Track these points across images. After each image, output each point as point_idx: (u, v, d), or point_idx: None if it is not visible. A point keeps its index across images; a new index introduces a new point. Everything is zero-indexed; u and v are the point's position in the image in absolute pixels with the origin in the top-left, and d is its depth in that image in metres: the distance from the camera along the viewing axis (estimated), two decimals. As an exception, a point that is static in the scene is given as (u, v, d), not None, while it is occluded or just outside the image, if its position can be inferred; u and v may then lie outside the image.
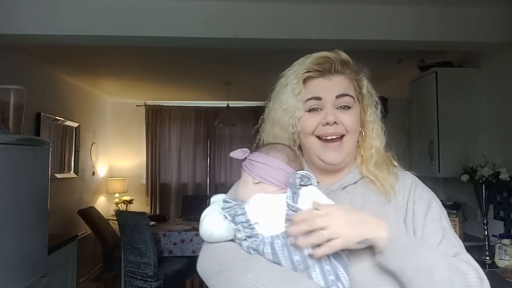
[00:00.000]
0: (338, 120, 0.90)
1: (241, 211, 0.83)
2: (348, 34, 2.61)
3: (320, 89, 0.92)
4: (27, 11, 2.42)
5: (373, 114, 0.97)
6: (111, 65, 4.17)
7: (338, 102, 0.91)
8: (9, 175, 2.14)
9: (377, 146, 0.96)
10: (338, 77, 0.93)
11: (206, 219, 0.86)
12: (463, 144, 3.01)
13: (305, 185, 0.84)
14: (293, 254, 0.78)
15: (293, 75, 0.94)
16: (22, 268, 2.27)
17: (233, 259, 0.82)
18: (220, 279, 0.81)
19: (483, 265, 2.38)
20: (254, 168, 0.89)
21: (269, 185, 0.87)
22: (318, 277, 0.77)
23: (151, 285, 3.57)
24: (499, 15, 2.63)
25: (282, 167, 0.88)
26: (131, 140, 6.21)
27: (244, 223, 0.82)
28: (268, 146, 0.93)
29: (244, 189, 0.90)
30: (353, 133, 0.93)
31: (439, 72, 3.09)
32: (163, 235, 3.88)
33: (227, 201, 0.87)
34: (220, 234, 0.85)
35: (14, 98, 2.46)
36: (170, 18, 2.52)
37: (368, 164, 0.95)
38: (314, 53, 0.96)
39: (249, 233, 0.82)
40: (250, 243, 0.82)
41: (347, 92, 0.92)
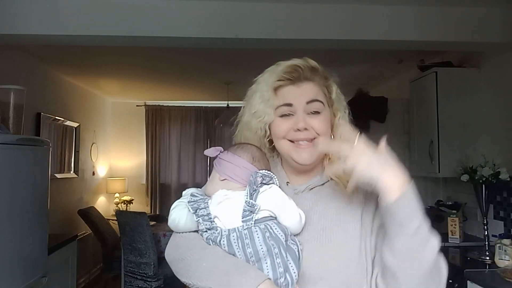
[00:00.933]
0: (309, 126, 0.95)
1: (204, 205, 0.91)
2: (348, 34, 2.61)
3: (290, 96, 0.96)
4: (27, 11, 2.42)
5: (342, 118, 1.01)
6: (111, 65, 4.17)
7: (309, 108, 0.95)
8: (9, 175, 2.14)
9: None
10: (308, 84, 0.97)
11: (174, 210, 0.95)
12: (463, 144, 3.01)
13: (267, 184, 0.91)
14: (246, 246, 0.85)
15: (264, 82, 1.00)
16: (22, 268, 2.27)
17: (193, 248, 0.90)
18: (181, 265, 0.90)
19: (483, 265, 2.38)
20: (221, 166, 0.96)
21: (233, 182, 0.93)
22: (268, 268, 0.83)
23: (151, 285, 3.57)
24: (499, 15, 2.63)
25: (246, 166, 0.94)
26: (131, 140, 6.21)
27: (205, 216, 0.89)
28: (237, 145, 1.00)
29: (211, 184, 0.97)
30: (323, 136, 0.97)
31: (439, 72, 3.09)
32: (163, 235, 3.88)
33: (194, 195, 0.94)
34: (184, 224, 0.93)
35: (14, 98, 2.46)
36: (170, 18, 2.52)
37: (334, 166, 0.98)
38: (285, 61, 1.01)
39: (208, 225, 0.89)
40: (209, 235, 0.89)
41: (316, 98, 0.96)
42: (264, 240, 0.85)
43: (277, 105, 0.97)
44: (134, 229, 3.61)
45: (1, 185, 2.06)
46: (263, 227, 0.87)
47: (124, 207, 5.54)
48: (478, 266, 2.37)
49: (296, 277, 0.85)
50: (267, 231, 0.86)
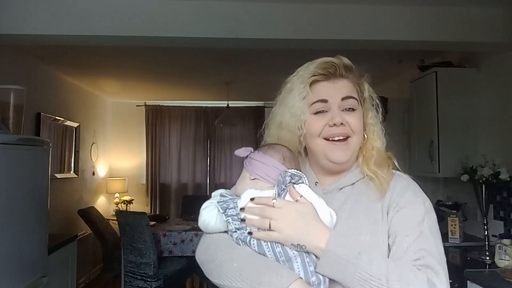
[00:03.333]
0: (345, 121, 0.94)
1: (233, 204, 0.91)
2: (348, 34, 2.61)
3: (326, 92, 0.96)
4: (27, 11, 2.42)
5: (374, 117, 1.01)
6: (111, 65, 4.17)
7: (344, 104, 0.95)
8: (9, 175, 2.14)
9: (378, 147, 0.99)
10: (342, 80, 0.97)
11: (204, 211, 0.94)
12: (463, 144, 3.01)
13: (296, 183, 0.90)
14: (275, 246, 0.85)
15: (299, 80, 0.98)
16: (22, 268, 2.27)
17: (223, 248, 0.90)
18: (212, 266, 0.89)
19: (483, 265, 2.38)
20: (251, 165, 0.94)
21: (263, 182, 0.93)
22: (299, 267, 0.83)
23: (151, 285, 3.57)
24: (499, 15, 2.63)
25: (276, 166, 0.93)
26: (131, 140, 6.21)
27: (234, 216, 0.89)
28: (267, 145, 0.98)
29: (241, 184, 0.96)
30: (358, 134, 0.96)
31: (439, 72, 3.09)
32: (163, 235, 3.88)
33: (223, 195, 0.95)
34: (214, 225, 0.92)
35: (14, 98, 2.46)
36: (170, 18, 2.52)
37: (369, 163, 0.98)
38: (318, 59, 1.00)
39: (237, 225, 0.89)
40: (239, 235, 0.89)
41: (351, 94, 0.96)
42: None
43: (311, 101, 0.95)
44: (134, 229, 3.61)
45: (1, 185, 2.06)
46: None
47: (124, 207, 5.54)
48: (478, 266, 2.37)
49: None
50: None
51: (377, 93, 1.04)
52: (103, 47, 3.20)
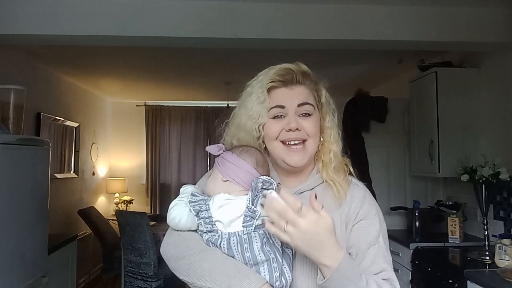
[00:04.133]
0: (300, 126, 0.98)
1: (205, 207, 0.92)
2: (348, 34, 2.61)
3: (283, 98, 1.00)
4: (27, 11, 2.42)
5: (331, 121, 1.05)
6: (111, 65, 4.17)
7: (300, 110, 0.99)
8: (9, 175, 2.14)
9: (335, 150, 1.03)
10: (299, 87, 1.01)
11: (174, 209, 0.96)
12: (463, 144, 3.01)
13: (267, 189, 0.91)
14: (245, 251, 0.88)
15: (258, 84, 1.02)
16: (22, 268, 2.27)
17: (193, 248, 0.92)
18: (180, 264, 0.92)
19: (483, 265, 2.38)
20: (225, 166, 0.96)
21: (235, 185, 0.95)
22: (265, 272, 0.87)
23: (151, 285, 3.57)
24: (499, 15, 2.63)
25: (249, 170, 0.95)
26: (131, 140, 6.20)
27: (206, 218, 0.92)
28: (241, 148, 1.00)
29: (212, 184, 0.98)
30: (314, 138, 1.00)
31: (439, 72, 3.09)
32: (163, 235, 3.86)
33: (194, 194, 0.95)
34: (185, 224, 0.95)
35: (14, 98, 2.47)
36: (170, 18, 2.52)
37: (328, 168, 1.02)
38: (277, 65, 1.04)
39: (209, 228, 0.91)
40: (209, 237, 0.91)
41: (307, 101, 1.00)
42: (262, 246, 0.88)
43: (269, 106, 1.00)
44: (134, 229, 3.61)
45: (1, 185, 2.06)
46: (262, 233, 0.89)
47: (124, 207, 5.54)
48: (478, 266, 2.37)
49: (290, 280, 0.89)
50: (265, 237, 0.89)
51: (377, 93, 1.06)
52: (103, 47, 3.19)
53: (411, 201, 3.30)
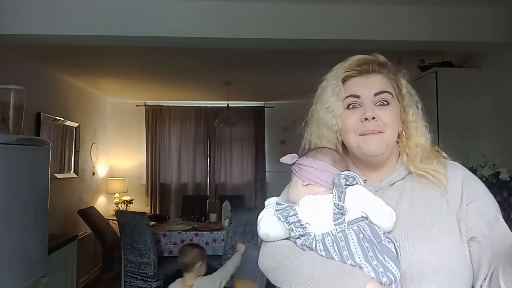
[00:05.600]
0: (377, 116, 0.93)
1: (293, 212, 0.90)
2: (348, 34, 2.61)
3: (358, 87, 0.96)
4: (27, 11, 2.42)
5: (415, 114, 1.00)
6: (111, 65, 4.17)
7: (377, 99, 0.95)
8: (9, 175, 2.14)
9: (422, 144, 0.99)
10: (376, 76, 0.97)
11: (262, 221, 0.95)
12: (463, 144, 3.01)
13: (351, 185, 0.89)
14: (342, 249, 0.84)
15: (333, 77, 0.99)
16: (22, 268, 2.27)
17: (289, 255, 0.89)
18: (279, 273, 0.89)
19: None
20: (302, 171, 0.94)
21: (317, 186, 0.92)
22: (368, 268, 0.82)
23: (151, 285, 3.57)
24: (499, 15, 2.63)
25: (328, 169, 0.93)
26: (131, 140, 6.20)
27: (296, 223, 0.89)
28: (315, 150, 0.98)
29: (294, 191, 0.96)
30: (392, 129, 0.95)
31: (439, 72, 3.09)
32: (163, 235, 3.88)
33: (279, 203, 0.93)
34: (275, 234, 0.93)
35: (14, 98, 2.46)
36: (170, 18, 2.52)
37: (415, 161, 0.97)
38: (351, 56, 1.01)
39: (301, 232, 0.88)
40: (303, 241, 0.88)
41: (385, 89, 0.95)
42: (359, 242, 0.84)
43: (344, 96, 0.96)
44: (134, 229, 3.61)
45: (1, 185, 2.06)
46: (356, 228, 0.86)
47: (124, 207, 5.53)
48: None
49: (398, 274, 0.83)
50: (360, 232, 0.85)
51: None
52: (103, 47, 3.20)
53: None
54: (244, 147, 6.29)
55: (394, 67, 1.00)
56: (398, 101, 0.98)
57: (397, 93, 0.99)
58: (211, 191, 6.17)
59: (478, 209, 0.91)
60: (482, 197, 0.93)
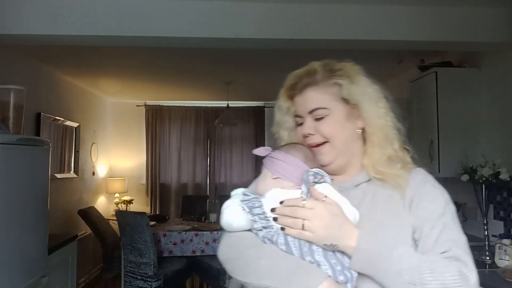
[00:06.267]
0: (314, 130, 0.99)
1: (258, 203, 0.91)
2: (348, 34, 2.61)
3: (298, 106, 1.03)
4: (27, 11, 2.42)
5: (369, 110, 1.00)
6: (111, 65, 4.17)
7: (313, 115, 1.00)
8: (9, 175, 2.14)
9: (378, 141, 1.00)
10: (308, 91, 1.00)
11: (226, 210, 0.94)
12: (463, 144, 3.00)
13: (319, 182, 0.91)
14: (303, 245, 0.86)
15: (280, 96, 1.09)
16: (22, 268, 2.27)
17: (249, 246, 0.90)
18: (237, 264, 0.90)
19: (483, 265, 2.38)
20: (273, 164, 0.96)
21: (286, 181, 0.93)
22: (326, 266, 0.84)
23: (151, 285, 3.57)
24: (499, 15, 2.63)
25: (299, 165, 0.94)
26: (131, 140, 6.20)
27: (260, 214, 0.90)
28: (288, 145, 1.00)
29: (263, 183, 0.97)
30: (337, 137, 0.99)
31: (439, 72, 3.09)
32: (163, 235, 3.88)
33: (246, 194, 0.94)
34: (238, 224, 0.92)
35: (14, 98, 2.46)
36: (170, 18, 2.52)
37: (375, 164, 0.99)
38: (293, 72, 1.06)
39: (264, 224, 0.89)
40: (265, 233, 0.89)
41: (316, 106, 0.99)
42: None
43: (292, 112, 1.06)
44: (134, 229, 3.61)
45: (1, 185, 2.06)
46: None
47: (124, 207, 5.54)
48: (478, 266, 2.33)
49: (355, 273, 0.86)
50: None
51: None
52: (103, 47, 3.20)
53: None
54: (244, 147, 6.29)
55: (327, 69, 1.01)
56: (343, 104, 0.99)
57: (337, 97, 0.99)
58: (211, 191, 6.17)
59: (424, 209, 0.95)
60: (432, 198, 0.97)
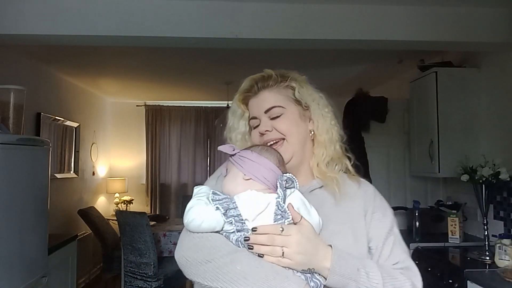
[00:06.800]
0: (271, 127, 1.02)
1: (233, 205, 0.87)
2: (348, 34, 2.61)
3: (253, 108, 1.07)
4: (27, 11, 2.42)
5: (315, 111, 1.06)
6: (111, 65, 4.17)
7: (270, 114, 1.03)
8: (9, 175, 2.14)
9: (323, 141, 1.05)
10: (263, 93, 1.05)
11: (194, 210, 0.89)
12: (463, 144, 3.01)
13: (289, 188, 0.91)
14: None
15: (234, 101, 1.12)
16: (22, 268, 2.27)
17: (220, 250, 0.85)
18: (205, 268, 0.85)
19: (483, 265, 2.38)
20: (246, 164, 0.93)
21: (259, 183, 0.91)
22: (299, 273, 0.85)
23: (151, 285, 3.57)
24: (499, 15, 2.63)
25: (273, 169, 0.93)
26: (131, 140, 6.20)
27: (235, 216, 0.86)
28: (261, 147, 0.98)
29: (232, 183, 0.93)
30: (292, 135, 1.02)
31: (439, 72, 3.09)
32: (163, 235, 3.88)
33: (216, 193, 0.90)
34: (208, 224, 0.87)
35: (14, 98, 2.46)
36: (170, 18, 2.52)
37: (320, 163, 1.04)
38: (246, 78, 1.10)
39: (239, 227, 0.85)
40: (238, 237, 0.85)
41: (272, 104, 1.03)
42: None
43: (245, 116, 1.10)
44: (134, 229, 3.61)
45: (1, 185, 2.06)
46: None
47: (124, 207, 5.54)
48: (478, 266, 2.37)
49: (323, 280, 0.87)
50: None
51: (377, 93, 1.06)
52: (103, 47, 3.20)
53: (411, 201, 3.30)
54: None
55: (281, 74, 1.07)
56: (295, 105, 1.05)
57: (291, 98, 1.05)
58: (211, 191, 6.17)
59: (379, 221, 1.01)
60: (383, 210, 1.04)
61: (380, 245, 0.98)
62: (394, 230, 1.02)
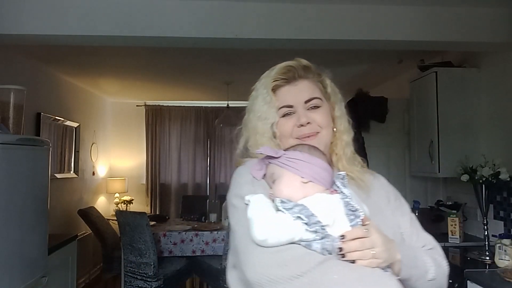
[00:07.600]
0: (311, 119, 0.99)
1: (310, 212, 0.79)
2: (348, 34, 2.61)
3: (289, 96, 1.01)
4: (27, 11, 2.42)
5: (339, 110, 1.06)
6: (111, 65, 4.17)
7: (308, 105, 1.00)
8: (9, 175, 2.14)
9: (346, 140, 1.05)
10: (303, 82, 1.02)
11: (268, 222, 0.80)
12: (463, 144, 3.01)
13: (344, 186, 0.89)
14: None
15: (262, 86, 1.04)
16: (22, 268, 2.27)
17: (309, 261, 0.78)
18: (298, 284, 0.77)
19: (483, 265, 2.38)
20: (300, 167, 0.86)
21: (319, 185, 0.86)
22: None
23: (151, 285, 3.57)
24: (499, 15, 2.63)
25: (326, 168, 0.89)
26: (131, 140, 6.21)
27: (315, 224, 0.79)
28: (307, 146, 0.92)
29: (290, 188, 0.85)
30: (326, 128, 1.01)
31: (439, 72, 3.09)
32: (163, 235, 3.88)
33: (284, 201, 0.82)
34: (289, 236, 0.79)
35: (14, 98, 2.46)
36: (170, 18, 2.52)
37: (343, 160, 1.04)
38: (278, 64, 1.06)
39: (323, 234, 0.79)
40: (322, 244, 0.79)
41: (313, 95, 1.01)
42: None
43: (278, 106, 1.00)
44: (134, 229, 3.61)
45: (1, 185, 2.06)
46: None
47: (124, 207, 5.54)
48: (478, 266, 2.37)
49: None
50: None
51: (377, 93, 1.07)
52: (103, 47, 3.20)
53: (411, 201, 3.30)
54: (244, 147, 6.28)
55: (318, 68, 1.06)
56: (327, 100, 1.04)
57: (324, 93, 1.04)
58: (211, 191, 6.17)
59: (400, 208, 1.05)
60: (399, 198, 1.08)
61: (408, 230, 1.01)
62: (412, 213, 1.06)
